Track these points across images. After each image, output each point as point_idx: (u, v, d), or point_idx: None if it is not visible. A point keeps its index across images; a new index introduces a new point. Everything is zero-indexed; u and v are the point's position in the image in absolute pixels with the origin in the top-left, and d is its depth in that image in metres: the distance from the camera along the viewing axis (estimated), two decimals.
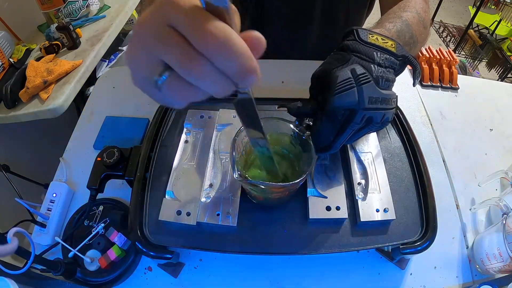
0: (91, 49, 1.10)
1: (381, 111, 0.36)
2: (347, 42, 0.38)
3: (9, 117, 0.95)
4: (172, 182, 0.44)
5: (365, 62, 0.36)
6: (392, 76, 0.38)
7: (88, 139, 0.64)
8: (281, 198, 0.43)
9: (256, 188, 0.37)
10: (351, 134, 0.37)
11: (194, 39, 0.19)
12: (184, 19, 0.19)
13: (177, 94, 0.21)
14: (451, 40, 2.26)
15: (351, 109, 0.35)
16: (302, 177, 0.35)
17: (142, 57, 0.21)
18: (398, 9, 0.47)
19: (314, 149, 0.37)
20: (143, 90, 0.23)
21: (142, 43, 0.21)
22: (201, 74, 0.20)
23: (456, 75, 0.74)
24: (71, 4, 1.18)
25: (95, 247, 0.48)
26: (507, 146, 0.65)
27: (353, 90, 0.34)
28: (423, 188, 0.46)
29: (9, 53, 1.09)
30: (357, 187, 0.44)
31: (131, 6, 1.32)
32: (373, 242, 0.42)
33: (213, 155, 0.47)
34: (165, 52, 0.20)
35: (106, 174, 0.48)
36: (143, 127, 0.64)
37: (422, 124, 0.66)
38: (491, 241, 0.47)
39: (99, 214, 0.52)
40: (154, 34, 0.20)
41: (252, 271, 0.48)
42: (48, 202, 0.54)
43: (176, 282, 0.47)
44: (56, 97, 0.95)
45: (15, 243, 0.34)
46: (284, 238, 0.42)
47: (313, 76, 0.40)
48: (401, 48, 0.39)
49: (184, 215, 0.41)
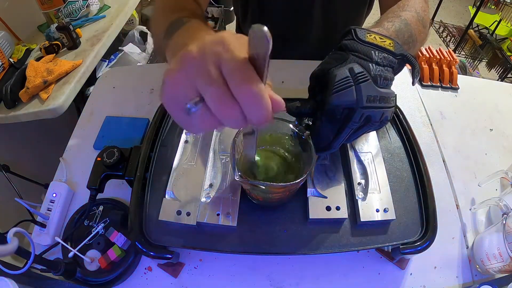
0: (91, 49, 1.10)
1: (380, 110, 0.36)
2: (345, 42, 0.38)
3: (9, 117, 0.95)
4: (172, 182, 0.44)
5: (363, 61, 0.36)
6: (391, 75, 0.38)
7: (88, 139, 0.64)
8: (281, 199, 0.43)
9: (257, 188, 0.37)
10: (350, 133, 0.37)
11: (236, 88, 0.22)
12: (233, 68, 0.22)
13: (202, 123, 0.24)
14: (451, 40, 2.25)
15: (349, 108, 0.35)
16: (303, 177, 0.35)
17: (182, 82, 0.24)
18: (397, 9, 0.47)
19: (314, 149, 0.37)
20: (168, 108, 0.25)
21: (187, 71, 0.24)
22: (230, 115, 0.23)
23: (456, 75, 0.74)
24: (71, 4, 1.18)
25: (95, 247, 0.48)
26: (507, 146, 0.65)
27: (351, 89, 0.34)
28: (423, 188, 0.46)
29: (9, 53, 1.09)
30: (357, 187, 0.44)
31: (131, 6, 1.32)
32: (373, 242, 0.42)
33: (213, 155, 0.47)
34: (206, 89, 0.23)
35: (106, 174, 0.48)
36: (143, 127, 0.64)
37: (422, 124, 0.66)
38: (491, 241, 0.47)
39: (99, 214, 0.52)
40: (202, 68, 0.23)
41: (252, 271, 0.48)
42: (48, 202, 0.54)
43: (176, 282, 0.47)
44: (56, 97, 0.95)
45: (15, 243, 0.34)
46: (284, 238, 0.42)
47: (311, 76, 0.40)
48: (399, 47, 0.39)
49: (184, 215, 0.41)
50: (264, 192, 0.39)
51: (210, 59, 0.23)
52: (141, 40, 1.56)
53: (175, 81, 0.24)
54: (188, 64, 0.24)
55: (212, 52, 0.23)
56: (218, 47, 0.23)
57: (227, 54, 0.22)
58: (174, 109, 0.25)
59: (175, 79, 0.24)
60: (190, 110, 0.23)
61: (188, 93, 0.24)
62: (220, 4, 2.06)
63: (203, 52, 0.23)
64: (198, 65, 0.23)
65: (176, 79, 0.24)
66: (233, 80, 0.22)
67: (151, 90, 0.72)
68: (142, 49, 1.51)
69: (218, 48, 0.23)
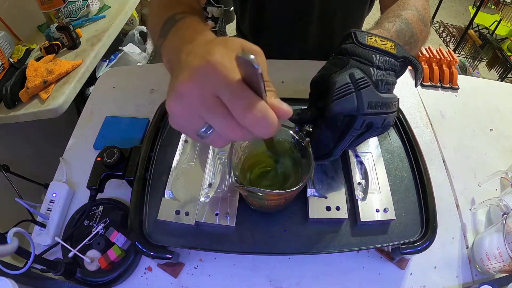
0: (91, 49, 1.10)
1: (382, 116, 0.35)
2: (346, 46, 0.37)
3: (9, 117, 0.95)
4: (171, 181, 0.44)
5: (364, 65, 0.35)
6: (393, 79, 0.37)
7: (88, 139, 0.64)
8: (278, 206, 0.43)
9: (253, 194, 0.37)
10: (351, 140, 0.37)
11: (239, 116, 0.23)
12: (230, 97, 0.23)
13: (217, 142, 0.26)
14: (451, 40, 2.25)
15: (350, 115, 0.34)
16: (300, 185, 0.34)
17: (186, 116, 0.25)
18: (397, 8, 0.47)
19: (313, 157, 0.36)
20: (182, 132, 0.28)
21: (187, 104, 0.25)
22: (238, 136, 0.24)
23: (456, 75, 0.74)
24: (71, 4, 1.18)
25: (95, 247, 0.48)
26: (507, 146, 0.65)
27: (351, 96, 0.33)
28: (423, 188, 0.46)
29: (9, 53, 1.09)
30: (357, 187, 0.44)
31: (131, 6, 1.32)
32: (373, 242, 0.42)
33: (212, 155, 0.47)
34: (210, 119, 0.24)
35: (106, 174, 0.48)
36: (143, 127, 0.64)
37: (422, 124, 0.66)
38: (491, 241, 0.46)
39: (99, 214, 0.52)
40: (202, 101, 0.24)
41: (252, 271, 0.48)
42: (48, 202, 0.54)
43: (176, 282, 0.47)
44: (56, 97, 0.95)
45: (15, 243, 0.34)
46: (284, 238, 0.42)
47: (312, 82, 0.39)
48: (401, 49, 0.38)
49: (183, 214, 0.41)
50: (260, 198, 0.39)
51: (206, 90, 0.23)
52: (141, 40, 1.56)
53: (179, 114, 0.25)
54: (186, 98, 0.24)
55: (207, 81, 0.23)
56: (209, 74, 0.23)
57: (221, 80, 0.23)
58: (187, 133, 0.27)
59: (179, 112, 0.25)
60: (202, 136, 0.25)
61: (195, 123, 0.25)
62: (220, 4, 2.06)
63: (199, 86, 0.24)
64: (196, 98, 0.24)
65: (180, 113, 0.25)
66: (234, 109, 0.23)
67: (151, 90, 0.72)
68: (142, 49, 1.51)
69: (210, 75, 0.23)
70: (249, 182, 0.40)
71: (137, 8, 1.41)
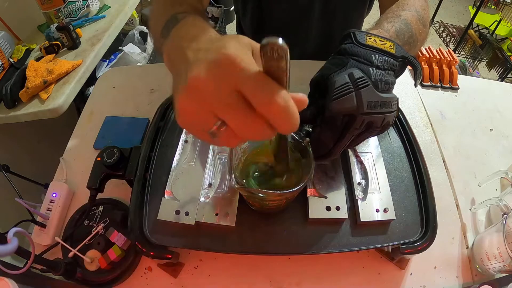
0: (91, 49, 1.10)
1: (381, 115, 0.35)
2: (345, 46, 0.37)
3: (9, 117, 0.95)
4: (171, 181, 0.44)
5: (363, 65, 0.35)
6: (392, 79, 0.37)
7: (88, 139, 0.64)
8: (278, 206, 0.43)
9: (254, 195, 0.37)
10: (351, 140, 0.37)
11: (263, 106, 0.21)
12: (253, 87, 0.21)
13: (226, 142, 0.24)
14: (451, 40, 2.25)
15: (350, 114, 0.34)
16: (300, 186, 0.34)
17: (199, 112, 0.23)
18: (396, 8, 0.47)
19: (313, 157, 0.37)
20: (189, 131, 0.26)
21: (201, 99, 0.23)
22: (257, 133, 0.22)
23: (456, 75, 0.74)
24: (71, 4, 1.18)
25: (95, 247, 0.48)
26: (507, 146, 0.65)
27: (351, 95, 0.33)
28: (423, 188, 0.46)
29: (9, 53, 1.09)
30: (357, 187, 0.44)
31: (131, 6, 1.32)
32: (373, 242, 0.42)
33: (212, 155, 0.46)
34: (228, 115, 0.22)
35: (106, 174, 0.48)
36: (143, 127, 0.64)
37: (422, 124, 0.66)
38: (491, 241, 0.46)
39: (99, 214, 0.52)
40: (218, 96, 0.22)
41: (252, 271, 0.48)
42: (48, 202, 0.54)
43: (176, 282, 0.47)
44: (56, 97, 0.95)
45: (15, 243, 0.34)
46: (284, 238, 0.42)
47: (311, 82, 0.39)
48: (400, 49, 0.38)
49: (183, 214, 0.41)
50: (261, 199, 0.38)
51: (226, 84, 0.22)
52: (141, 40, 1.56)
53: (190, 111, 0.24)
54: (201, 93, 0.22)
55: (225, 75, 0.22)
56: (228, 67, 0.22)
57: (243, 73, 0.21)
58: (195, 132, 0.25)
59: (190, 109, 0.23)
60: (213, 135, 0.23)
61: (207, 121, 0.23)
62: (220, 4, 2.06)
63: (214, 77, 0.22)
64: (214, 92, 0.22)
65: (191, 109, 0.23)
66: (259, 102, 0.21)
67: (151, 90, 0.72)
68: (142, 49, 1.51)
69: (229, 69, 0.22)
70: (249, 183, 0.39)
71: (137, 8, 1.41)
